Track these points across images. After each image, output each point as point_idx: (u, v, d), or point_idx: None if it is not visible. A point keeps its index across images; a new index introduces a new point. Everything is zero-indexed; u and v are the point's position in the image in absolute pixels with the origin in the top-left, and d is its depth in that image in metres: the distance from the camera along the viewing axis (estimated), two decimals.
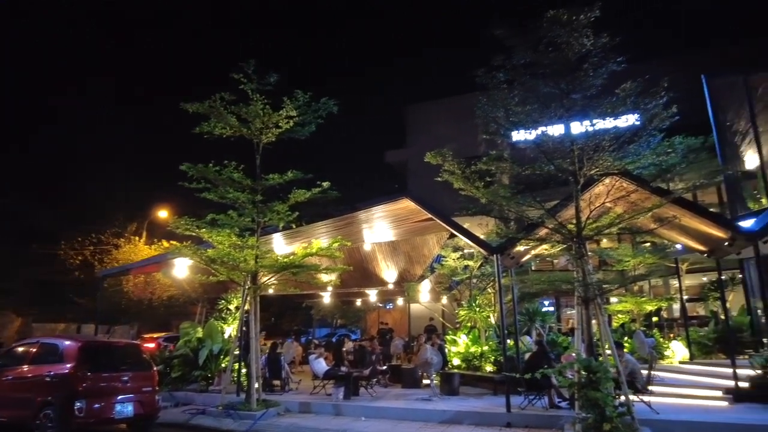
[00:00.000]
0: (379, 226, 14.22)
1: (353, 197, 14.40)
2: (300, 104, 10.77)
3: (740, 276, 15.71)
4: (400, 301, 23.27)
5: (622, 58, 8.17)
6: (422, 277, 18.09)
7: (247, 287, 11.04)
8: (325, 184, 10.63)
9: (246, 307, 11.26)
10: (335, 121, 11.66)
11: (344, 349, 15.67)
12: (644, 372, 9.90)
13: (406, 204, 11.81)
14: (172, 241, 11.53)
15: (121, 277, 20.99)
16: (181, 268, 14.31)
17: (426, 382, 12.59)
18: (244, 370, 11.59)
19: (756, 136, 15.46)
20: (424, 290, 18.68)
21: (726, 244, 9.79)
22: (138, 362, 9.14)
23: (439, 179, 9.50)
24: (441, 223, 11.76)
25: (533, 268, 19.69)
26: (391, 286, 18.47)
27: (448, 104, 27.16)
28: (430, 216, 11.99)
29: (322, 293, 20.18)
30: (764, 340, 13.16)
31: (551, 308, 21.92)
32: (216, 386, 12.37)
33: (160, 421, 9.41)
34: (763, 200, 15.00)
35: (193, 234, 10.92)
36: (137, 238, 24.26)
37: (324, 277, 16.50)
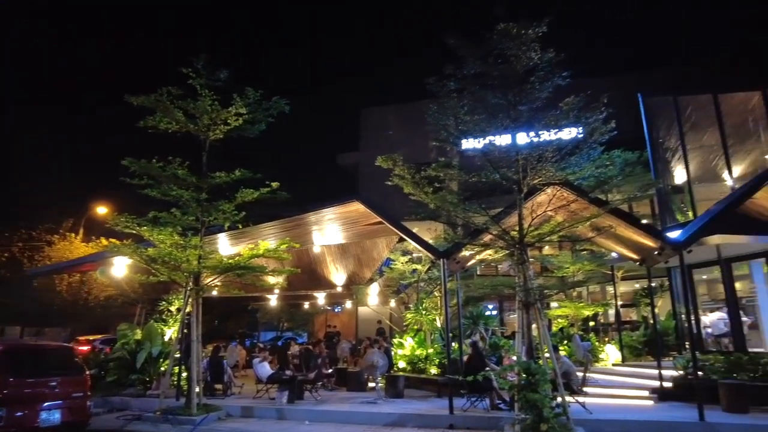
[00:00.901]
0: (329, 229, 14.16)
1: (304, 199, 14.29)
2: (250, 102, 10.58)
3: (668, 283, 16.71)
4: (348, 304, 23.22)
5: (567, 73, 8.52)
6: (371, 280, 18.15)
7: (189, 288, 10.71)
8: (274, 185, 10.48)
9: (188, 309, 10.91)
10: (288, 122, 11.55)
11: (290, 352, 15.49)
12: (579, 374, 10.37)
13: (357, 207, 11.83)
14: (111, 239, 11.04)
15: (54, 276, 19.81)
16: (120, 268, 13.68)
17: (371, 385, 12.63)
18: (184, 374, 11.22)
19: (684, 153, 16.58)
20: (373, 293, 18.75)
21: (656, 253, 10.41)
22: (68, 366, 8.64)
23: (389, 183, 9.58)
24: (390, 226, 11.86)
25: (478, 272, 20.18)
26: (339, 289, 18.41)
27: (402, 110, 27.46)
28: (380, 219, 12.06)
29: (268, 296, 19.83)
30: (686, 343, 14.05)
31: (495, 312, 22.51)
32: (154, 390, 11.91)
33: (92, 428, 8.94)
34: (690, 213, 16.07)
35: (134, 232, 10.49)
36: (73, 235, 22.98)
37: (271, 279, 16.24)
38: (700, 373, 9.56)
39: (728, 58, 23.31)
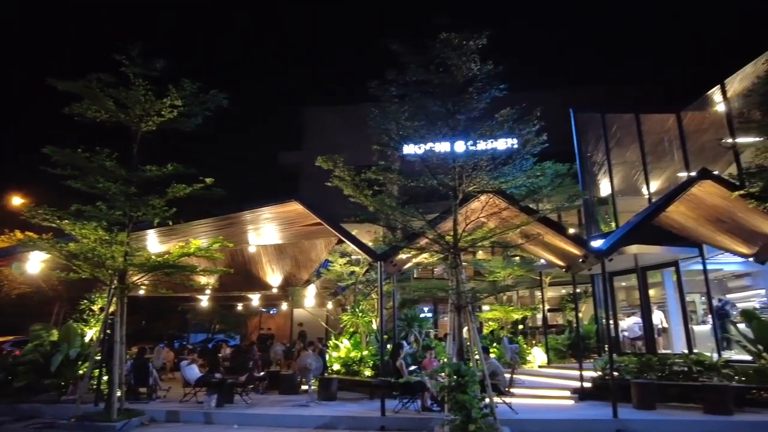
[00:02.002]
0: (265, 229, 13.89)
1: (242, 197, 13.95)
2: (187, 94, 10.20)
3: (591, 289, 17.72)
4: (284, 306, 22.85)
5: (504, 86, 8.85)
6: (308, 282, 17.97)
7: (113, 287, 10.15)
8: (208, 181, 10.15)
9: (111, 309, 10.33)
10: (228, 118, 11.24)
11: (220, 354, 15.03)
12: (507, 375, 10.78)
13: (295, 207, 11.69)
14: (27, 232, 10.26)
15: None
16: (37, 263, 12.71)
17: (304, 387, 12.50)
18: (106, 377, 10.60)
19: (609, 168, 17.70)
20: (310, 295, 18.58)
21: (580, 260, 11.04)
22: None
23: (329, 184, 9.56)
24: (329, 228, 11.81)
25: (415, 275, 20.49)
26: (275, 291, 18.09)
27: (345, 111, 27.45)
28: (319, 220, 11.98)
29: (199, 296, 19.16)
30: (606, 346, 14.95)
31: (430, 314, 22.93)
32: (70, 396, 11.15)
33: None
34: (612, 224, 17.14)
35: (54, 225, 9.81)
36: None
37: (202, 279, 15.71)
38: (615, 373, 10.20)
39: (651, 82, 25.01)
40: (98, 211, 9.69)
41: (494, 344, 15.36)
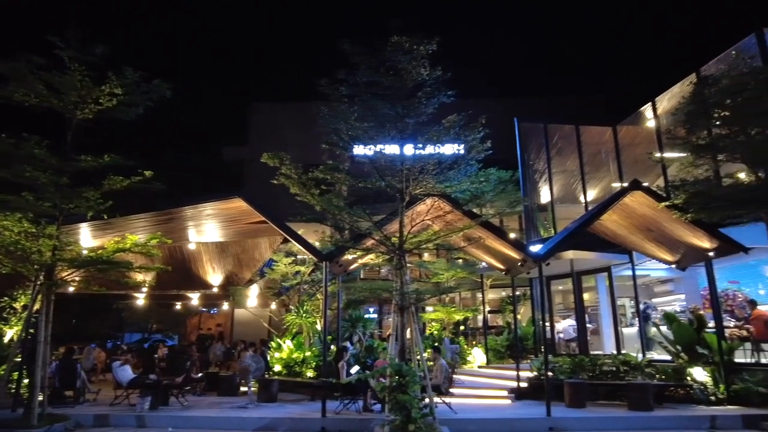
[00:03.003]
0: (207, 225, 13.48)
1: (185, 192, 13.44)
2: (128, 82, 9.72)
3: (530, 292, 18.39)
4: (225, 306, 22.22)
5: (452, 92, 9.03)
6: (251, 282, 17.58)
7: (39, 283, 9.53)
8: (147, 173, 9.72)
9: (36, 306, 9.69)
10: (172, 110, 10.81)
11: (157, 355, 14.44)
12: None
13: (239, 204, 11.41)
14: None
15: None
16: None
17: (244, 389, 12.23)
18: (28, 380, 9.92)
19: (549, 176, 18.45)
20: (252, 295, 18.19)
21: (519, 264, 11.45)
22: None
23: (275, 182, 9.41)
24: (274, 226, 11.62)
25: (362, 276, 20.51)
26: (215, 290, 17.57)
27: (294, 108, 27.06)
28: (263, 219, 11.75)
29: (136, 294, 18.30)
30: (542, 347, 15.57)
31: (375, 315, 23.03)
32: None
33: None
34: (551, 230, 17.87)
35: None
36: None
37: (139, 276, 15.02)
38: (550, 374, 10.63)
39: (592, 95, 26.23)
40: (24, 202, 9.07)
41: (435, 344, 15.61)
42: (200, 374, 13.43)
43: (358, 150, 9.83)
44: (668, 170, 15.20)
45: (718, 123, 9.90)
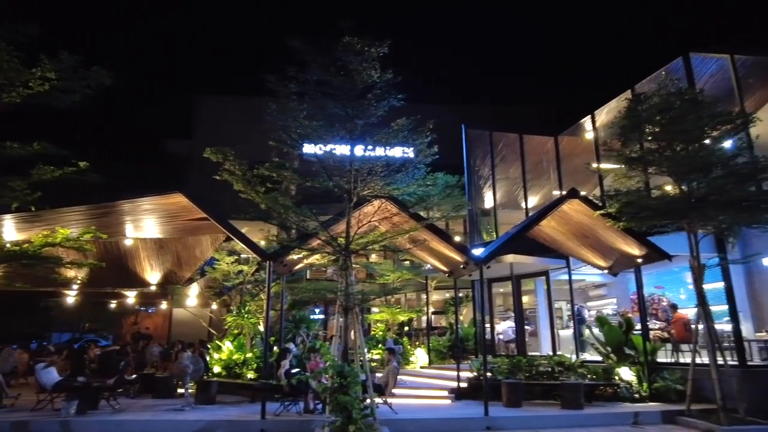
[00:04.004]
0: (146, 221, 12.93)
1: (125, 185, 12.81)
2: (63, 67, 9.15)
3: (472, 294, 18.85)
4: (163, 305, 21.38)
5: (402, 96, 9.11)
6: (191, 280, 17.00)
7: None
8: (82, 164, 9.21)
9: None
10: (113, 98, 10.28)
11: (87, 356, 13.70)
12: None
13: (180, 200, 11.01)
14: None
15: None
16: None
17: (181, 391, 11.81)
18: None
19: (493, 182, 18.99)
20: (192, 294, 17.62)
21: (462, 267, 11.72)
22: None
23: (218, 177, 9.16)
24: (217, 224, 11.31)
25: (308, 276, 20.33)
26: (153, 288, 16.87)
27: (242, 103, 26.44)
28: (205, 215, 11.41)
29: (66, 291, 17.28)
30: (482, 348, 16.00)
31: (321, 316, 22.87)
32: None
33: None
34: (494, 234, 18.39)
35: None
36: None
37: (70, 273, 14.17)
38: (489, 374, 10.95)
39: (538, 105, 27.21)
40: None
41: (378, 345, 15.72)
42: (134, 376, 12.86)
43: (308, 149, 9.74)
44: (604, 180, 16.03)
45: (649, 138, 10.54)
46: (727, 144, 10.53)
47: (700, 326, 9.86)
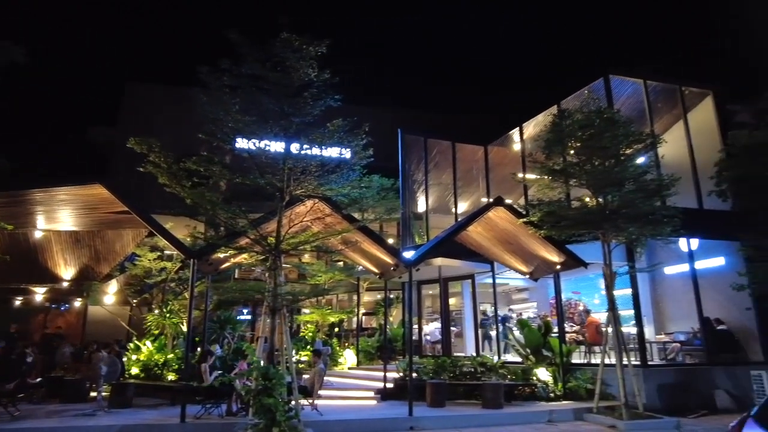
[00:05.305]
0: (60, 212, 12.04)
1: (39, 172, 11.88)
2: None
3: (402, 296, 19.13)
4: (77, 303, 19.97)
5: (340, 97, 9.10)
6: (109, 277, 16.01)
7: None
8: None
9: None
10: (29, 78, 9.50)
11: None
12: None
13: (99, 191, 10.35)
14: None
15: None
16: None
17: (93, 394, 11.12)
18: None
19: (426, 187, 19.42)
20: (111, 291, 16.61)
21: (392, 269, 11.89)
22: None
23: (141, 169, 8.73)
24: (139, 218, 10.75)
25: (236, 276, 19.80)
26: (66, 285, 15.73)
27: (174, 92, 25.26)
28: (127, 209, 10.81)
29: None
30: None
31: (249, 317, 22.30)
32: None
33: None
34: (425, 237, 18.78)
35: None
36: None
37: None
38: (415, 374, 11.18)
39: (470, 114, 27.99)
40: None
41: (306, 347, 15.59)
42: (39, 379, 11.94)
43: (241, 144, 9.50)
44: (529, 190, 16.84)
45: (571, 152, 11.23)
46: (640, 160, 11.43)
47: (610, 329, 10.60)
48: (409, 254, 12.38)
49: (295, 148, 9.07)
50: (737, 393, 11.69)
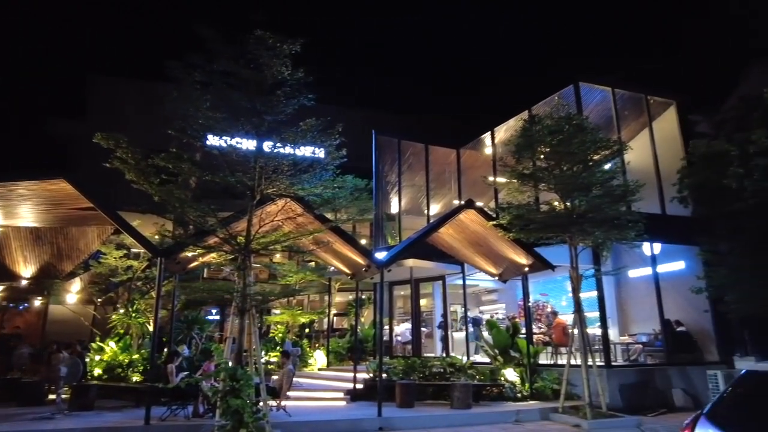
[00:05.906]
0: (21, 208, 11.62)
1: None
2: None
3: (374, 296, 19.16)
4: (37, 302, 19.28)
5: (313, 96, 9.05)
6: (72, 275, 15.54)
7: None
8: None
9: None
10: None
11: None
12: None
13: (63, 186, 10.03)
14: None
15: None
16: None
17: (52, 397, 10.76)
18: None
19: (399, 188, 19.51)
20: (74, 290, 16.12)
21: (364, 270, 11.91)
22: None
23: (107, 165, 8.51)
24: (104, 215, 10.47)
25: (205, 275, 19.48)
26: (25, 283, 15.19)
27: (143, 86, 24.67)
28: (92, 205, 10.50)
29: None
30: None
31: (218, 317, 21.94)
32: None
33: None
34: (398, 238, 18.87)
35: None
36: None
37: None
38: (385, 375, 11.20)
39: (443, 118, 28.21)
40: None
41: (276, 348, 15.45)
42: None
43: (212, 141, 9.35)
44: (499, 194, 17.09)
45: (540, 156, 11.44)
46: (607, 166, 11.74)
47: (576, 331, 10.85)
48: (381, 255, 12.41)
49: (267, 146, 8.98)
50: (693, 392, 12.14)
